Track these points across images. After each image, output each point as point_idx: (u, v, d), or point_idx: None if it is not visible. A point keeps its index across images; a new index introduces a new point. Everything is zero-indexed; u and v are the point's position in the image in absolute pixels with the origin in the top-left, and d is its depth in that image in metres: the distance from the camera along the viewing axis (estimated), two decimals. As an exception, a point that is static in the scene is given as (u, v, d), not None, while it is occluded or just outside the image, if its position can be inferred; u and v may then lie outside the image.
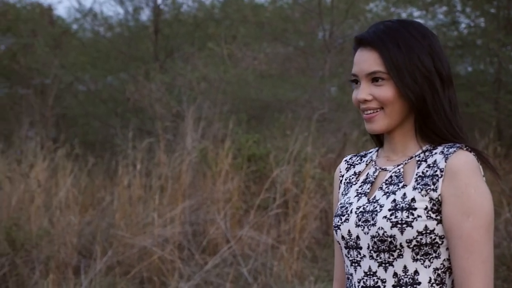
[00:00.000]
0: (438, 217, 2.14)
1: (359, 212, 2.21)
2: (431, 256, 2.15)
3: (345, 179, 2.37)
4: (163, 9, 13.43)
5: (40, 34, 13.24)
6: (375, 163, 2.31)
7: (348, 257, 2.24)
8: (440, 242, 2.14)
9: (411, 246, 2.13)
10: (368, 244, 2.17)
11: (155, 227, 7.18)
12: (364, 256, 2.19)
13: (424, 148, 2.22)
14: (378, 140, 2.36)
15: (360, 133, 9.96)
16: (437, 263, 2.15)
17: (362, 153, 2.42)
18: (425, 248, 2.14)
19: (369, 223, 2.17)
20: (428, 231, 2.13)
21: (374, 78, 2.21)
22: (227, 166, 7.68)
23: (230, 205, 7.45)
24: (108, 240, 7.32)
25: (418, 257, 2.14)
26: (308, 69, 11.52)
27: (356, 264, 2.22)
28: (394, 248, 2.14)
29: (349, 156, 2.43)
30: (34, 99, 12.75)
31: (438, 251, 2.15)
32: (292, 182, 7.72)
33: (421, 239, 2.12)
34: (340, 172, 2.40)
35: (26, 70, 13.15)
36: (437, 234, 2.14)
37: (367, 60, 2.22)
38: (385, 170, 2.26)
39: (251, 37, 11.84)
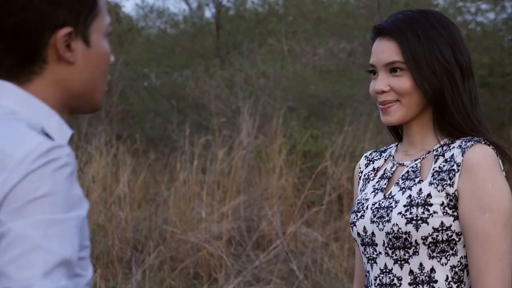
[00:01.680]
0: (455, 213, 2.08)
1: (375, 208, 2.17)
2: (447, 254, 2.09)
3: (364, 175, 2.33)
4: (227, 6, 13.48)
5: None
6: (393, 158, 2.26)
7: (365, 254, 2.20)
8: (457, 239, 2.08)
9: (426, 243, 2.07)
10: (383, 241, 2.13)
11: (208, 223, 7.18)
12: (380, 253, 2.15)
13: (442, 142, 2.16)
14: (397, 135, 2.31)
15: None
16: (454, 260, 2.09)
17: (382, 149, 2.37)
18: (441, 245, 2.08)
19: (384, 219, 2.13)
20: (444, 228, 2.07)
21: (392, 69, 2.18)
22: (281, 162, 7.65)
23: (283, 201, 7.42)
24: (162, 235, 7.35)
25: (434, 254, 2.09)
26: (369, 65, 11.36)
27: (372, 261, 2.18)
28: (409, 245, 2.09)
29: (369, 152, 2.39)
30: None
31: (455, 248, 2.09)
32: (347, 178, 7.65)
33: (437, 236, 2.07)
34: (360, 168, 2.36)
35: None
36: (454, 230, 2.08)
37: (385, 50, 2.18)
38: (403, 165, 2.21)
39: (312, 32, 11.76)
